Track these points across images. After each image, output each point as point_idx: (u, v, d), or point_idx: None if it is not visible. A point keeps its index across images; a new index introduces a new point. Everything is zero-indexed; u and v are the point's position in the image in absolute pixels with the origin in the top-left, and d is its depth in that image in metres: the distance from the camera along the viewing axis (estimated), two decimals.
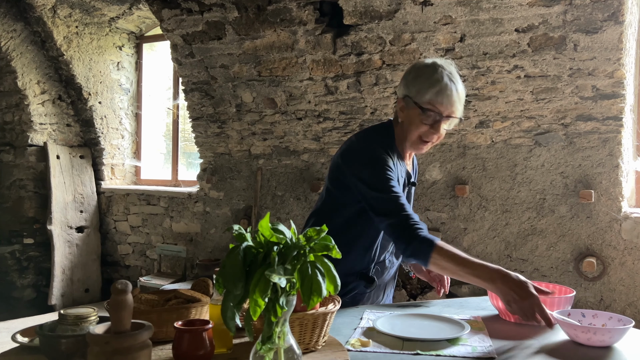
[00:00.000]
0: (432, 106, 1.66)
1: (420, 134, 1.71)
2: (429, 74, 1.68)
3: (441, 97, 1.65)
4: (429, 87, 1.66)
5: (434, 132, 1.69)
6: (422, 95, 1.66)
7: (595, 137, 3.28)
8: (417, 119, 1.69)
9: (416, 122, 1.69)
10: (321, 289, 0.97)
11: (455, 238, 3.70)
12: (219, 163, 4.66)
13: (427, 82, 1.66)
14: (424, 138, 1.71)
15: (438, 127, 1.68)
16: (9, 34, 4.74)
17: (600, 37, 2.94)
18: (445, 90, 1.65)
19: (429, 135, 1.70)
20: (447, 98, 1.65)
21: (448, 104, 1.66)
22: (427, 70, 1.69)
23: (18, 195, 5.17)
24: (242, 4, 3.66)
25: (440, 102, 1.65)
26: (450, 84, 1.66)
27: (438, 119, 1.67)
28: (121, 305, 0.99)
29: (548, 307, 1.52)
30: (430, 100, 1.66)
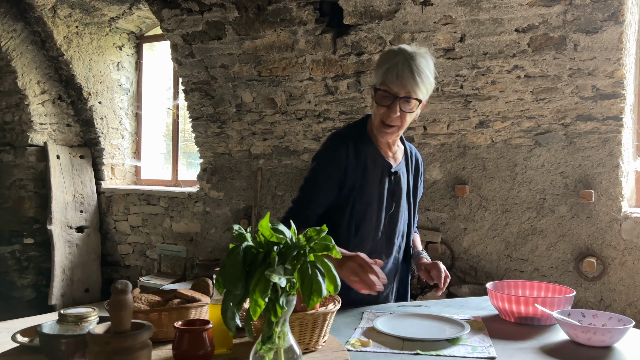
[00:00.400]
0: (385, 87, 1.64)
1: (381, 117, 1.69)
2: (385, 58, 1.67)
3: (392, 76, 1.62)
4: (381, 68, 1.65)
5: (391, 112, 1.65)
6: (378, 77, 1.67)
7: (595, 137, 3.28)
8: (375, 102, 1.69)
9: (375, 105, 1.69)
10: (321, 289, 0.97)
11: (455, 238, 3.70)
12: (219, 163, 4.66)
13: (381, 65, 1.66)
14: (384, 121, 1.68)
15: (394, 109, 1.64)
16: (9, 34, 4.74)
17: (600, 37, 2.94)
18: (395, 68, 1.62)
19: (387, 117, 1.67)
20: (399, 77, 1.61)
21: (400, 83, 1.62)
22: (385, 55, 1.69)
23: (18, 195, 5.17)
24: (242, 4, 3.66)
25: (392, 81, 1.62)
26: (404, 63, 1.61)
27: (392, 99, 1.64)
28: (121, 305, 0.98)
29: (548, 307, 1.52)
30: (384, 81, 1.64)
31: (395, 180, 1.82)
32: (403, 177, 1.85)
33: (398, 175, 1.83)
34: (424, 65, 1.65)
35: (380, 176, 1.78)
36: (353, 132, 1.79)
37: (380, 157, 1.79)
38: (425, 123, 3.67)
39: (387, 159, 1.80)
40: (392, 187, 1.81)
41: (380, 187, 1.78)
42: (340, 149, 1.73)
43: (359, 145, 1.76)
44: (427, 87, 1.66)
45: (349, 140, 1.75)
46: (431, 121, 3.64)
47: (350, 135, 1.78)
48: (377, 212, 1.78)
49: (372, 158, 1.77)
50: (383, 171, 1.79)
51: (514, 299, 1.56)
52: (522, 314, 1.56)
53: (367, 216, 1.76)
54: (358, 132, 1.79)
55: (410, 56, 1.64)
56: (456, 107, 3.51)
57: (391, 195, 1.81)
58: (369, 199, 1.77)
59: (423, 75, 1.64)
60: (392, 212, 1.82)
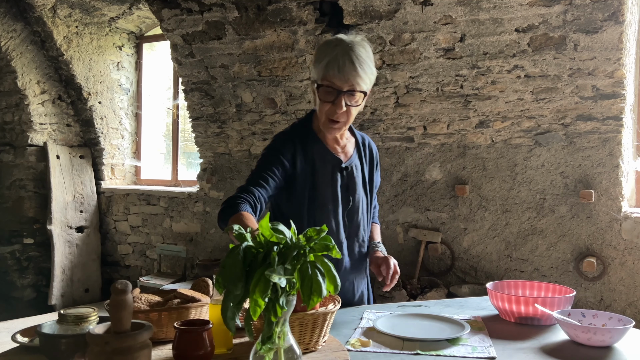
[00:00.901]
0: (328, 81, 1.57)
1: (326, 114, 1.62)
2: (323, 50, 1.60)
3: (333, 70, 1.54)
4: (320, 62, 1.57)
5: (336, 108, 1.58)
6: (318, 72, 1.59)
7: (595, 137, 3.28)
8: (319, 99, 1.62)
9: (319, 101, 1.62)
10: (321, 289, 0.97)
11: (455, 238, 3.70)
12: (219, 163, 4.66)
13: (320, 59, 1.58)
14: (330, 117, 1.62)
15: (339, 104, 1.57)
16: (9, 33, 4.74)
17: (600, 37, 2.94)
18: (335, 61, 1.54)
19: (333, 113, 1.60)
20: (340, 70, 1.54)
21: (343, 77, 1.54)
22: (323, 47, 1.61)
23: (18, 195, 5.17)
24: (242, 4, 3.66)
25: (334, 75, 1.55)
26: (344, 55, 1.54)
27: (336, 94, 1.58)
28: (121, 305, 0.98)
29: (548, 307, 1.52)
30: (325, 76, 1.57)
31: (348, 175, 1.76)
32: (357, 170, 1.78)
33: (350, 169, 1.76)
34: (364, 54, 1.58)
35: (331, 173, 1.72)
36: (298, 131, 1.73)
37: (328, 154, 1.72)
38: (425, 123, 3.67)
39: (336, 155, 1.74)
40: (346, 183, 1.75)
41: (333, 185, 1.72)
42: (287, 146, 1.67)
43: (305, 145, 1.70)
44: (370, 77, 1.61)
45: (295, 140, 1.69)
46: (431, 121, 3.64)
47: (296, 135, 1.71)
48: (334, 211, 1.72)
49: (320, 156, 1.71)
50: (334, 168, 1.72)
51: (514, 299, 1.56)
52: (522, 314, 1.56)
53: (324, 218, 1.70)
54: (303, 130, 1.73)
55: (349, 47, 1.57)
56: (456, 107, 3.51)
57: (345, 190, 1.75)
58: (324, 200, 1.71)
59: (365, 65, 1.58)
60: (349, 208, 1.76)
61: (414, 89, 3.54)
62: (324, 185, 1.71)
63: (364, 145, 1.84)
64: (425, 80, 3.47)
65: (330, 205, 1.72)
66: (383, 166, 3.91)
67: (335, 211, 1.73)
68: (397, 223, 3.89)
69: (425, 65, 3.41)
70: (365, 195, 1.82)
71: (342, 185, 1.74)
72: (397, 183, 3.88)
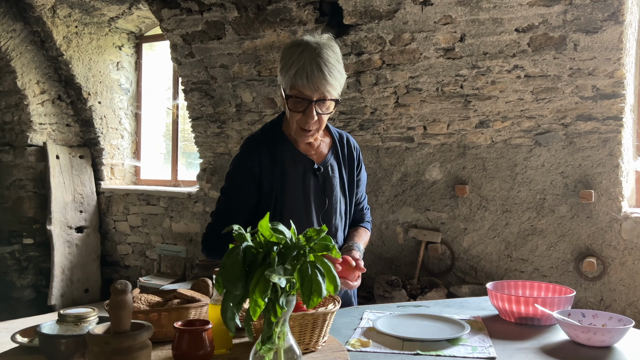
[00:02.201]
0: (297, 91, 1.49)
1: (298, 123, 1.55)
2: (289, 56, 1.50)
3: (302, 80, 1.46)
4: (288, 71, 1.48)
5: (307, 118, 1.52)
6: (287, 81, 1.50)
7: (595, 137, 3.28)
8: (289, 109, 1.54)
9: (289, 111, 1.54)
10: (321, 289, 0.97)
11: (455, 238, 3.70)
12: (219, 163, 4.66)
13: (287, 66, 1.49)
14: (302, 126, 1.56)
15: (311, 114, 1.51)
16: (9, 33, 4.74)
17: (600, 37, 2.94)
18: (303, 70, 1.46)
19: (305, 123, 1.54)
20: (309, 79, 1.46)
21: (313, 86, 1.46)
22: (289, 52, 1.51)
23: (18, 196, 5.17)
24: (242, 3, 3.66)
25: (303, 85, 1.47)
26: (312, 62, 1.45)
27: (306, 104, 1.50)
28: (121, 305, 0.98)
29: (548, 307, 1.52)
30: (294, 85, 1.48)
31: (323, 176, 1.69)
32: (333, 170, 1.71)
33: (324, 170, 1.70)
34: (332, 58, 1.50)
35: (303, 175, 1.67)
36: (267, 135, 1.68)
37: (299, 156, 1.67)
38: (425, 123, 3.67)
39: (308, 156, 1.68)
40: (321, 184, 1.69)
41: (305, 187, 1.67)
42: (252, 156, 1.64)
43: (274, 148, 1.65)
44: (340, 82, 1.53)
45: (262, 145, 1.65)
46: (431, 121, 3.64)
47: (264, 139, 1.67)
48: (307, 213, 1.67)
49: (290, 158, 1.66)
50: (306, 169, 1.67)
51: (514, 299, 1.56)
52: (522, 314, 1.55)
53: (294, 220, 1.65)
54: (273, 133, 1.68)
55: (316, 52, 1.47)
56: (456, 107, 3.51)
57: (321, 192, 1.69)
58: (294, 202, 1.66)
59: (335, 70, 1.50)
60: (325, 210, 1.70)
61: (414, 89, 3.54)
62: (293, 187, 1.66)
63: (342, 144, 1.76)
64: (425, 80, 3.47)
65: (301, 207, 1.67)
66: (383, 166, 3.91)
67: (308, 213, 1.68)
68: (397, 223, 3.89)
69: (425, 65, 3.41)
70: (344, 196, 1.75)
71: (317, 187, 1.69)
72: (397, 183, 3.88)
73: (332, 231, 1.73)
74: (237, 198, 1.67)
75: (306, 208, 1.68)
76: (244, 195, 1.66)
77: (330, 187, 1.71)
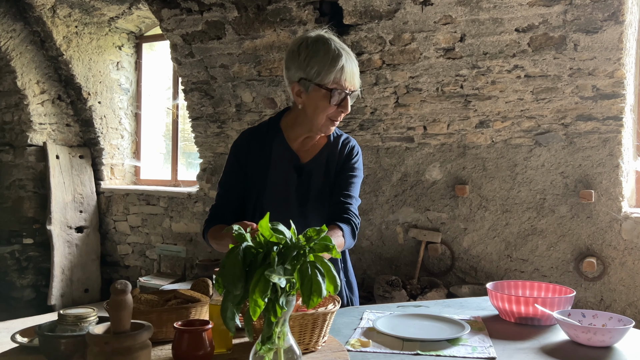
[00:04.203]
0: (337, 85, 1.60)
1: (329, 115, 1.64)
2: (324, 51, 1.60)
3: (345, 75, 1.60)
4: (330, 67, 1.58)
5: (343, 110, 1.64)
6: (325, 76, 1.59)
7: (596, 137, 3.28)
8: (323, 102, 1.62)
9: (322, 105, 1.62)
10: (321, 289, 0.97)
11: (455, 238, 3.70)
12: (219, 163, 4.66)
13: (325, 62, 1.59)
14: (334, 118, 1.65)
15: (346, 105, 1.63)
16: (9, 33, 4.74)
17: (601, 37, 2.94)
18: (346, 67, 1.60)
19: (338, 115, 1.65)
20: (350, 74, 1.61)
21: (351, 79, 1.62)
22: (320, 48, 1.61)
23: (17, 195, 5.17)
24: (242, 3, 3.66)
25: (345, 79, 1.60)
26: (348, 58, 1.61)
27: (344, 96, 1.62)
28: (121, 305, 0.98)
29: (548, 307, 1.52)
30: (335, 80, 1.59)
31: (307, 175, 1.72)
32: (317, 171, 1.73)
33: (308, 169, 1.73)
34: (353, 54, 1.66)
35: (286, 171, 1.72)
36: (262, 128, 1.78)
37: (288, 151, 1.73)
38: (425, 123, 3.66)
39: (296, 153, 1.73)
40: (304, 182, 1.72)
41: (288, 183, 1.71)
42: (242, 144, 1.75)
43: (266, 140, 1.73)
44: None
45: (253, 135, 1.76)
46: (431, 121, 3.64)
47: (258, 131, 1.77)
48: (285, 207, 1.69)
49: (278, 153, 1.72)
50: (291, 166, 1.72)
51: (514, 299, 1.56)
52: (522, 314, 1.55)
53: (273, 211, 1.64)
54: (268, 127, 1.77)
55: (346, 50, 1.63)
56: (456, 107, 3.51)
57: (302, 190, 1.71)
58: (274, 195, 1.70)
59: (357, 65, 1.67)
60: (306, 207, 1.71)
61: (414, 89, 3.54)
62: (277, 179, 1.71)
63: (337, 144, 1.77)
64: (425, 80, 3.47)
65: (281, 199, 1.71)
66: (383, 166, 3.91)
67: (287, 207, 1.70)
68: (397, 223, 3.89)
69: (425, 65, 3.41)
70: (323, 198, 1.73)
71: (299, 184, 1.72)
72: (397, 183, 3.88)
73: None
74: (225, 184, 1.77)
75: (285, 202, 1.70)
76: (233, 182, 1.75)
77: (311, 186, 1.72)
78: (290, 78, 1.66)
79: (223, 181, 1.79)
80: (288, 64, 1.66)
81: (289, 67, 1.66)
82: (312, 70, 1.60)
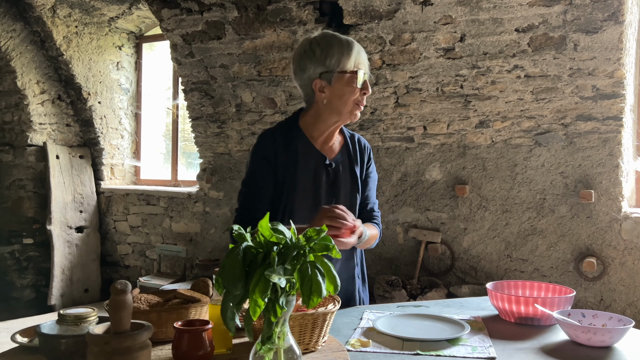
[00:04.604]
0: (359, 68, 1.70)
1: (356, 100, 1.72)
2: (337, 42, 1.71)
3: (361, 57, 1.71)
4: (348, 52, 1.69)
5: (366, 91, 1.72)
6: (346, 61, 1.69)
7: (595, 137, 3.28)
8: (349, 87, 1.69)
9: (348, 90, 1.69)
10: (321, 289, 0.97)
11: (455, 238, 3.70)
12: (219, 163, 4.66)
13: (342, 50, 1.69)
14: (359, 103, 1.73)
15: (367, 86, 1.72)
16: (9, 33, 4.74)
17: (600, 37, 2.94)
18: (361, 50, 1.73)
19: (362, 99, 1.73)
20: (364, 57, 1.73)
21: (365, 62, 1.73)
22: (332, 40, 1.71)
23: (17, 195, 5.17)
24: (242, 3, 3.66)
25: (362, 62, 1.71)
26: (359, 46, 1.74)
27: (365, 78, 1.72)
28: (121, 305, 0.98)
29: (548, 307, 1.52)
30: (356, 63, 1.70)
31: (334, 172, 1.79)
32: (343, 168, 1.81)
33: (335, 167, 1.79)
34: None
35: (314, 170, 1.76)
36: (283, 129, 1.79)
37: (313, 150, 1.77)
38: (425, 123, 3.66)
39: (321, 152, 1.78)
40: (332, 180, 1.78)
41: (316, 181, 1.75)
42: (268, 145, 1.75)
43: (290, 141, 1.75)
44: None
45: (278, 136, 1.76)
46: (431, 121, 3.64)
47: (280, 132, 1.78)
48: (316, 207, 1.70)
49: (304, 152, 1.75)
50: (317, 164, 1.76)
51: (514, 299, 1.56)
52: (522, 314, 1.55)
53: (302, 211, 1.71)
54: (289, 127, 1.79)
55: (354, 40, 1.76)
56: (456, 107, 3.51)
57: (331, 187, 1.77)
58: (304, 194, 1.73)
59: None
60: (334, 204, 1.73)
61: (414, 89, 3.54)
62: (306, 179, 1.74)
63: (353, 144, 1.87)
64: (425, 80, 3.47)
65: (310, 200, 1.74)
66: (383, 166, 3.91)
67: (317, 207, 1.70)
68: (397, 223, 3.89)
69: (425, 65, 3.41)
70: (353, 193, 1.82)
71: (327, 182, 1.77)
72: (397, 183, 3.88)
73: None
74: (257, 187, 1.74)
75: (315, 201, 1.74)
76: (263, 183, 1.73)
77: (339, 183, 1.79)
78: (310, 77, 1.72)
79: (251, 184, 1.75)
80: (303, 65, 1.72)
81: (304, 67, 1.72)
82: (332, 61, 1.68)
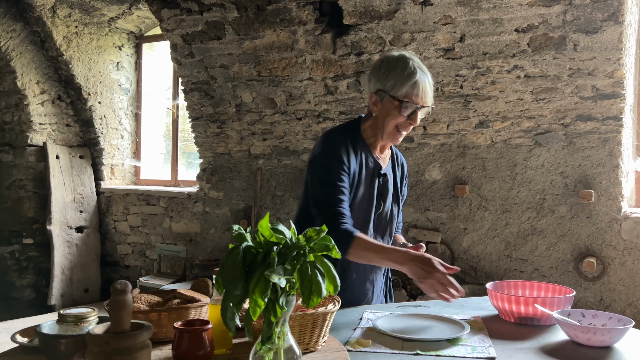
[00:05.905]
0: (408, 99, 1.75)
1: (398, 124, 1.80)
2: (402, 67, 1.77)
3: (417, 90, 1.75)
4: (404, 81, 1.75)
5: (412, 122, 1.79)
6: (399, 88, 1.75)
7: (595, 137, 3.28)
8: (394, 112, 1.77)
9: (393, 114, 1.78)
10: (321, 289, 0.97)
11: (455, 238, 3.70)
12: (219, 163, 4.66)
13: (401, 76, 1.76)
14: (400, 129, 1.81)
15: (415, 118, 1.78)
16: (9, 33, 4.74)
17: (600, 37, 2.94)
18: (419, 83, 1.75)
19: (406, 126, 1.81)
20: (422, 90, 1.76)
21: (423, 95, 1.76)
22: (399, 64, 1.78)
23: (17, 196, 5.16)
24: (241, 4, 3.66)
25: (416, 94, 1.75)
26: (423, 76, 1.77)
27: (414, 109, 1.77)
28: (121, 305, 0.98)
29: (548, 307, 1.52)
30: (407, 94, 1.75)
31: (384, 181, 1.90)
32: (390, 178, 1.93)
33: (387, 176, 1.91)
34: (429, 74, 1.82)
35: (371, 176, 1.85)
36: (348, 133, 1.87)
37: (372, 157, 1.87)
38: (425, 123, 3.66)
39: (378, 161, 1.89)
40: (381, 188, 1.88)
41: (371, 187, 1.85)
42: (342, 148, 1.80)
43: (355, 146, 1.84)
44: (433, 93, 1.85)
45: (348, 141, 1.83)
46: (431, 121, 3.64)
47: (349, 137, 1.85)
48: (367, 210, 1.84)
49: (365, 158, 1.85)
50: (374, 172, 1.86)
51: (514, 299, 1.56)
52: (522, 314, 1.55)
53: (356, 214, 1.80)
54: (353, 133, 1.87)
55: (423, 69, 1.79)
56: (456, 107, 3.51)
57: (379, 195, 1.87)
58: (361, 198, 1.82)
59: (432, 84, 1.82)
60: (380, 211, 1.88)
61: None
62: (365, 184, 1.83)
63: (397, 158, 2.02)
64: None
65: (365, 203, 1.83)
66: None
67: (368, 210, 1.84)
68: None
69: (425, 65, 3.41)
70: (393, 202, 1.94)
71: (378, 190, 1.87)
72: None
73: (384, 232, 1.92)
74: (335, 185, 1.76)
75: (367, 206, 1.84)
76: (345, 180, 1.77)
77: (385, 192, 1.91)
78: (370, 89, 1.85)
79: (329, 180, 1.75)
80: (370, 77, 1.85)
81: (370, 79, 1.85)
82: (388, 83, 1.78)
